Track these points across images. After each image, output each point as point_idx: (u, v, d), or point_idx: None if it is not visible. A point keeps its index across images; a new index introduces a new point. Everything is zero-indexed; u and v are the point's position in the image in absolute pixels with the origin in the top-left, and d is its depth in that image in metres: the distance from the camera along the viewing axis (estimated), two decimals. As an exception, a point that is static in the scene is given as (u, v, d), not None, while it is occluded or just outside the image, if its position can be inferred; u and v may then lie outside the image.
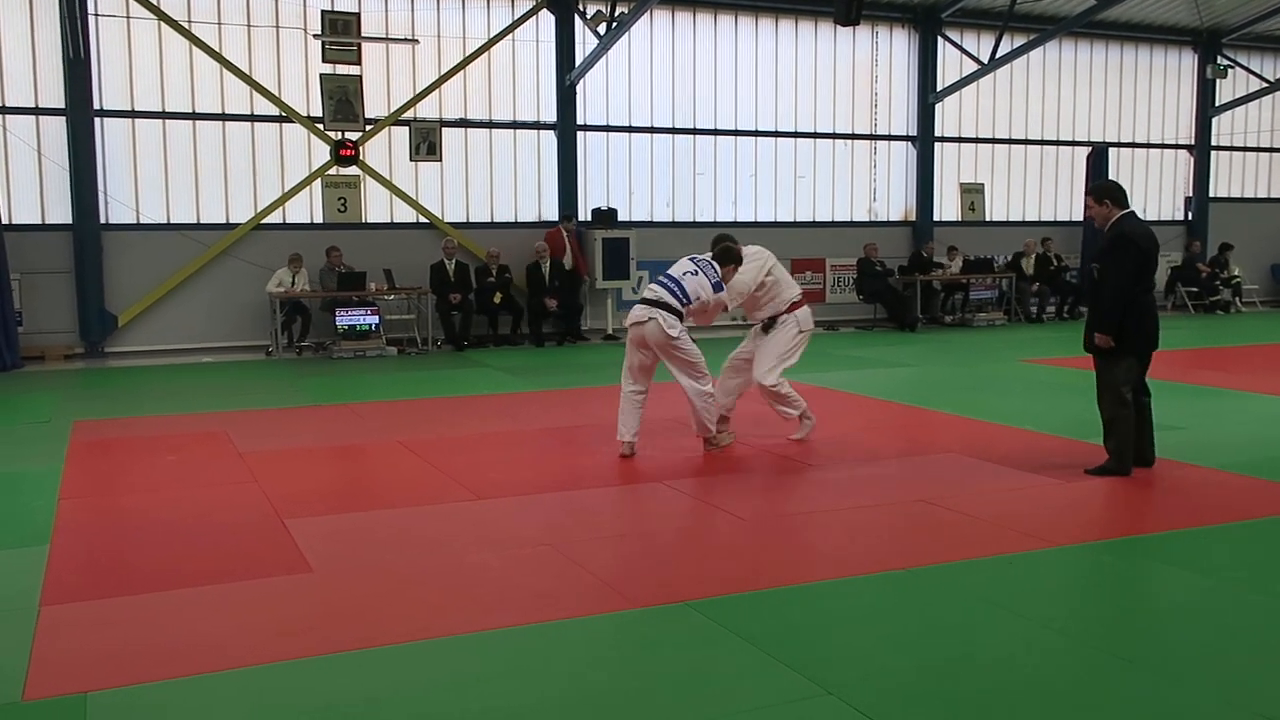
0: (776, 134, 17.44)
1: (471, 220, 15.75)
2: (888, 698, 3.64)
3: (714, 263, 7.63)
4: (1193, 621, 4.44)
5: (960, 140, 18.81)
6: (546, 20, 15.77)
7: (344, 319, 13.88)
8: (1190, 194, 20.70)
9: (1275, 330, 16.47)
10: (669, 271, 7.58)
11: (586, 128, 16.14)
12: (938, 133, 18.42)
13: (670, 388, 7.98)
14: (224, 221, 14.50)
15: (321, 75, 14.55)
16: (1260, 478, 6.70)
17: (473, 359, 13.52)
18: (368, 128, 14.84)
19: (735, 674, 3.86)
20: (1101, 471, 6.75)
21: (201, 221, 14.42)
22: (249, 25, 14.39)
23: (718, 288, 7.53)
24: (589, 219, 15.88)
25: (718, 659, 4.00)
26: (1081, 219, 19.17)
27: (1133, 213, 6.71)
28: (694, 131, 16.90)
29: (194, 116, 14.27)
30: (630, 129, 16.50)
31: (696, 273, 7.52)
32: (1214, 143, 20.81)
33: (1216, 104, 20.53)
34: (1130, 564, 5.23)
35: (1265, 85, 20.27)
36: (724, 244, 7.76)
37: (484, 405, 9.90)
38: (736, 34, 17.03)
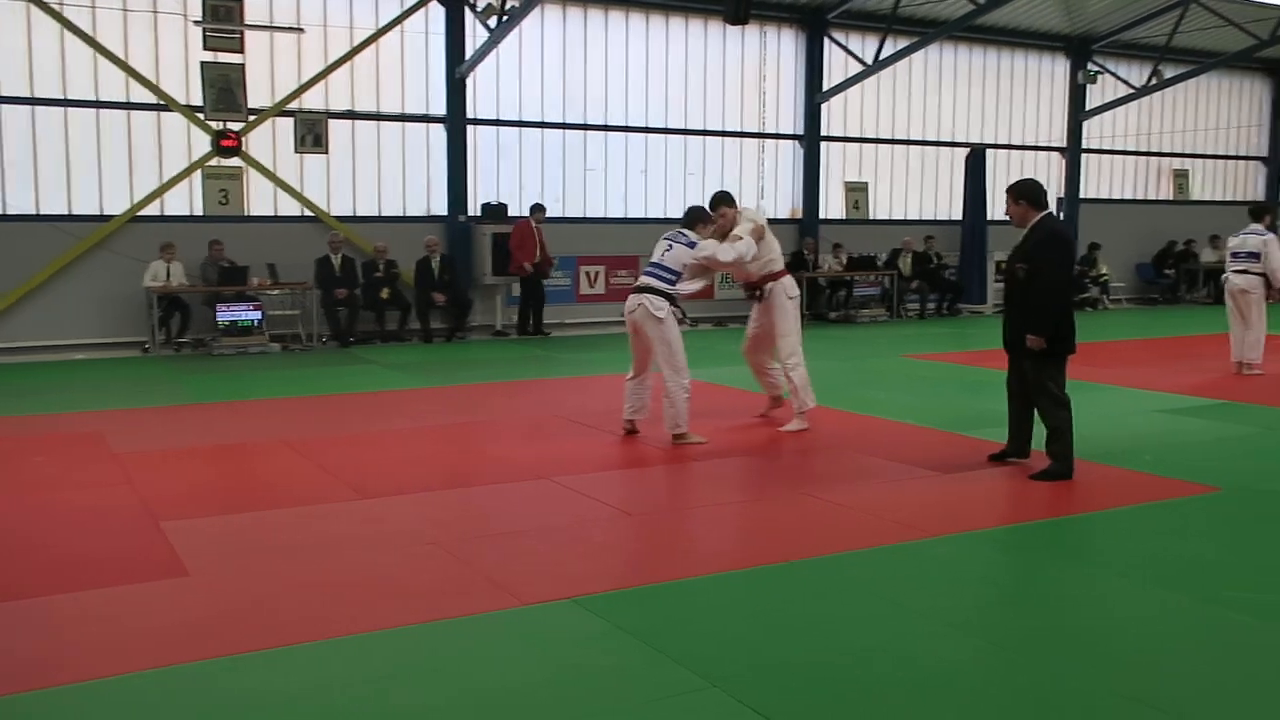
0: (667, 131, 17.53)
1: (358, 214, 15.48)
2: (773, 691, 3.69)
3: (683, 231, 8.06)
4: (1071, 608, 4.60)
5: (845, 140, 19.17)
6: (437, 12, 15.57)
7: (225, 314, 13.53)
8: (1062, 194, 21.48)
9: (1141, 326, 17.20)
10: (651, 260, 8.00)
11: (477, 121, 15.99)
12: (824, 132, 18.74)
13: (544, 385, 7.96)
14: (98, 213, 13.98)
15: (203, 63, 14.13)
16: (1130, 469, 6.98)
17: (359, 355, 13.31)
18: (251, 118, 14.46)
19: (622, 669, 3.88)
20: (1046, 476, 6.60)
21: (74, 213, 13.88)
22: (125, 9, 13.88)
23: (692, 245, 7.92)
24: (479, 214, 15.75)
25: (605, 654, 4.01)
26: (960, 218, 19.74)
27: (1051, 212, 6.74)
28: (585, 127, 16.89)
29: (65, 103, 13.71)
30: (521, 123, 16.40)
31: (671, 246, 7.95)
32: (1084, 145, 21.62)
33: (1087, 108, 21.33)
34: (1009, 553, 5.41)
35: (1132, 91, 21.14)
36: (691, 207, 8.30)
37: (370, 403, 9.75)
38: (627, 30, 17.06)
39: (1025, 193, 6.69)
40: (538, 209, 15.42)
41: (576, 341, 14.93)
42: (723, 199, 8.13)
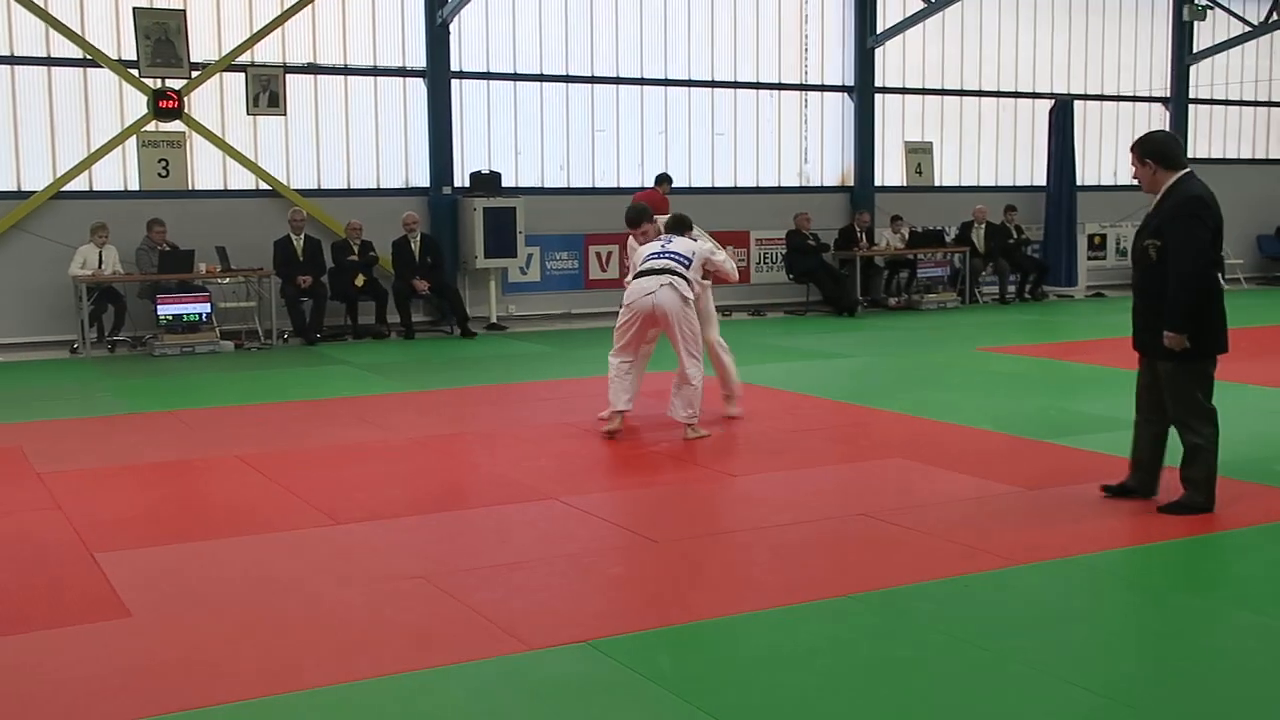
0: (690, 84, 17.52)
1: (324, 187, 15.52)
2: (828, 748, 3.68)
3: (670, 236, 8.76)
4: (1194, 652, 4.57)
5: (905, 91, 19.12)
6: (413, -55, 15.63)
7: (167, 308, 13.59)
8: (1166, 154, 21.34)
9: (1265, 310, 17.03)
10: (651, 252, 8.59)
11: (462, 74, 16.02)
12: (878, 82, 18.68)
13: (549, 388, 7.97)
14: (14, 189, 14.06)
15: (135, 9, 14.19)
16: (1260, 483, 6.91)
17: (327, 355, 13.35)
18: (194, 74, 14.52)
19: (649, 726, 3.87)
20: (1179, 508, 6.25)
21: (-14, 189, 13.98)
22: (43, -53, 13.97)
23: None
24: (466, 185, 15.78)
25: (626, 709, 4.00)
26: (1044, 183, 19.66)
27: (1192, 173, 6.25)
28: (592, 80, 16.89)
29: (-25, 59, 13.82)
30: (515, 76, 16.42)
31: (671, 239, 8.68)
32: (1192, 95, 21.51)
33: (1194, 50, 21.21)
34: (1115, 585, 5.37)
35: (1248, 29, 21.00)
36: (675, 215, 9.19)
37: (342, 411, 9.78)
38: (641, -36, 17.08)
39: (1154, 150, 6.26)
40: (664, 179, 16.03)
41: (586, 336, 14.94)
42: (684, 224, 9.02)
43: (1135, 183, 6.51)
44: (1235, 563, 5.72)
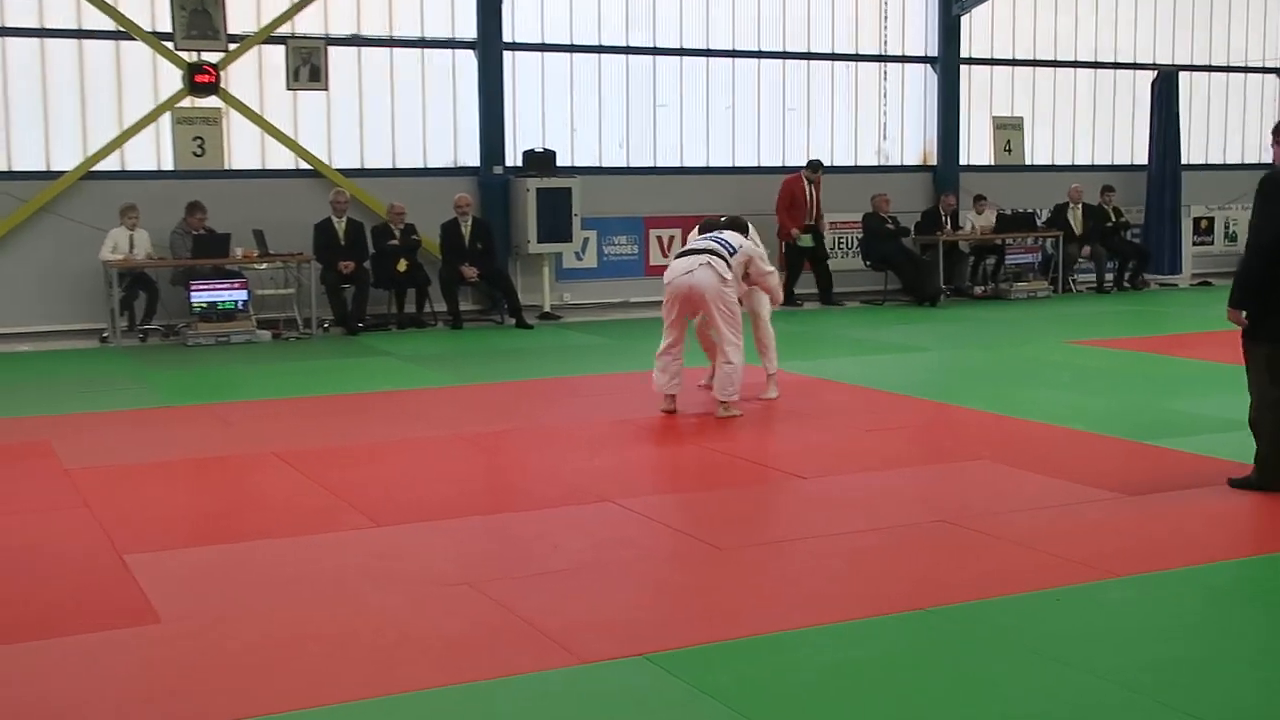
0: (759, 54, 17.44)
1: (368, 166, 15.63)
2: (902, 774, 3.66)
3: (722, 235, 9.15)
4: (1286, 671, 4.50)
5: (993, 62, 18.93)
6: (463, -93, 15.69)
7: (201, 295, 13.72)
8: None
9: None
10: (699, 236, 9.29)
11: (515, 46, 16.05)
12: (964, 53, 18.51)
13: (604, 382, 7.97)
14: (43, 169, 14.28)
15: (170, -22, 14.37)
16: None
17: (370, 345, 13.44)
18: (231, 47, 14.66)
19: (708, 747, 3.87)
20: (1241, 484, 6.74)
21: (13, 169, 14.19)
22: (74, -87, 14.17)
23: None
24: (519, 164, 15.82)
25: (685, 728, 4.00)
26: (1145, 162, 19.39)
27: None
28: (654, 51, 16.86)
29: (3, 32, 14.01)
30: (572, 48, 16.43)
31: (721, 232, 9.15)
32: (1310, 65, 21.14)
33: (1314, 16, 20.84)
34: (1215, 601, 5.30)
35: (1374, -8, 20.59)
36: (732, 217, 9.69)
37: (385, 405, 9.85)
38: (707, -74, 17.04)
39: None
40: (815, 166, 16.66)
41: (645, 326, 14.92)
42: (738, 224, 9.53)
43: (1247, 161, 6.73)
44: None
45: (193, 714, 4.11)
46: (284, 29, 14.94)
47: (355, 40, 15.40)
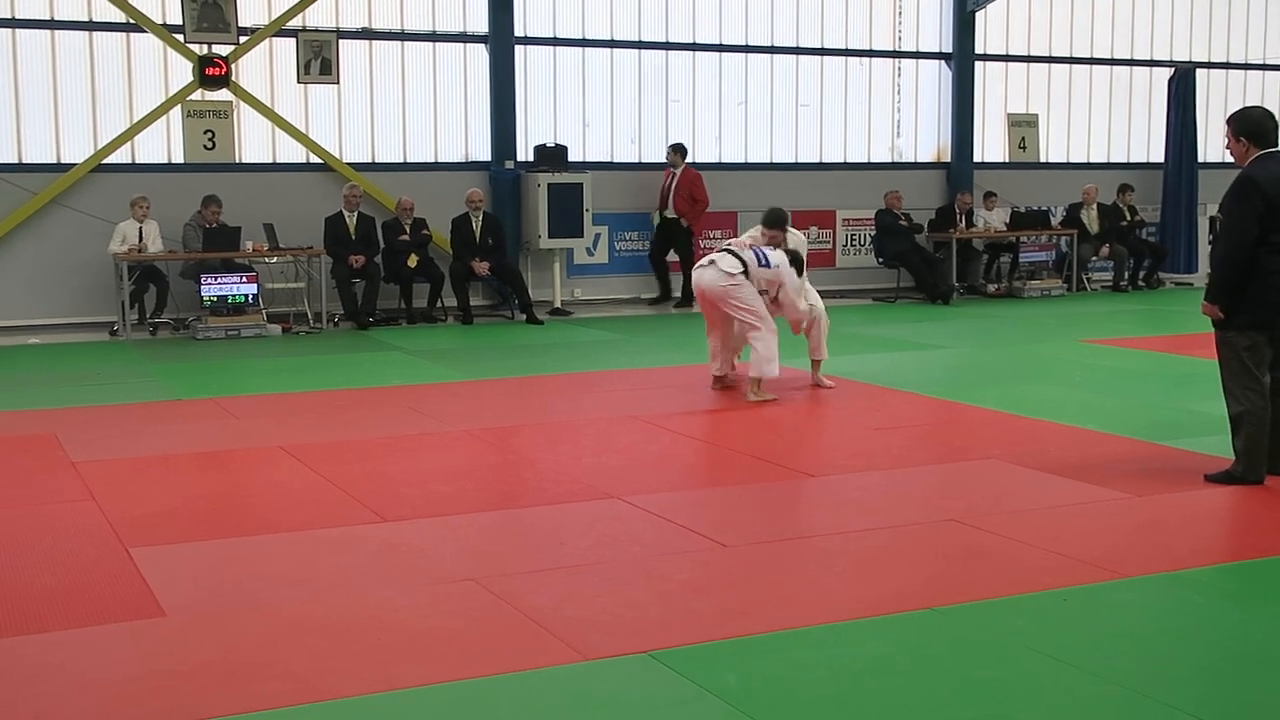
0: (772, 50, 17.43)
1: (378, 160, 15.65)
2: (906, 774, 3.66)
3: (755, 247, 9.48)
4: (1295, 673, 4.49)
5: (1008, 59, 18.90)
6: (475, -100, 15.70)
7: (211, 288, 13.76)
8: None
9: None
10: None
11: (527, 40, 16.07)
12: (979, 49, 18.48)
13: (616, 378, 7.98)
14: (53, 161, 14.33)
15: (181, -29, 14.41)
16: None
17: (380, 340, 13.47)
18: (242, 40, 14.70)
19: (712, 745, 3.87)
20: (1224, 478, 6.84)
21: (23, 161, 14.25)
22: (85, -95, 14.21)
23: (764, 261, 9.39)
24: (530, 159, 15.83)
25: (689, 726, 4.00)
26: (1162, 160, 19.34)
27: (1274, 153, 6.75)
28: (667, 46, 16.87)
29: (13, 24, 14.07)
30: (584, 42, 16.44)
31: (758, 248, 9.46)
32: (1329, 62, 21.07)
33: (1333, 14, 20.76)
34: (1227, 602, 5.29)
35: (1394, -10, 20.49)
36: (772, 209, 9.85)
37: (394, 400, 9.86)
38: (721, -80, 17.03)
39: (1246, 126, 6.74)
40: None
41: (655, 322, 14.95)
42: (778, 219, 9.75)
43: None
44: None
45: (197, 707, 4.13)
46: (295, 22, 14.97)
47: (366, 34, 15.43)
